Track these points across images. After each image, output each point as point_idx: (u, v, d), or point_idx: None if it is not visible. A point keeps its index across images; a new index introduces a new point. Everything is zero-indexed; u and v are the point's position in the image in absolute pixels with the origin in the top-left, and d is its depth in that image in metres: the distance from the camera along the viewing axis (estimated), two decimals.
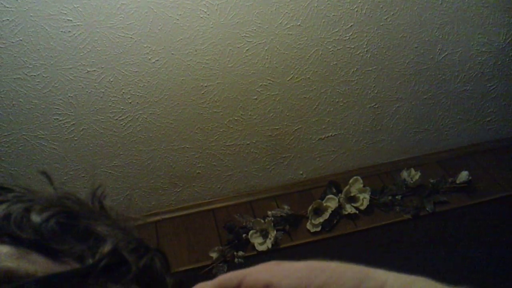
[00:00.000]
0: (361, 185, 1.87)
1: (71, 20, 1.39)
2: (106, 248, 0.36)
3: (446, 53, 1.80)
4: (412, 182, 1.90)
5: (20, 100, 1.50)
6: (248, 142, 1.82)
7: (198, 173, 1.85)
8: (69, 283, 0.31)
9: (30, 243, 0.33)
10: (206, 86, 1.63)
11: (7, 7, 1.32)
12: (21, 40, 1.39)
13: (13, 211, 0.34)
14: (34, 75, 1.46)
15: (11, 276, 0.30)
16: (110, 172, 1.74)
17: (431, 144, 2.06)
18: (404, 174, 1.93)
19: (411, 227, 1.86)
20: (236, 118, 1.74)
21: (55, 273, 0.31)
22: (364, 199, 1.86)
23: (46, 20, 1.37)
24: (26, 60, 1.43)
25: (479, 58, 1.86)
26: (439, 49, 1.79)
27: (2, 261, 0.31)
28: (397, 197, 1.90)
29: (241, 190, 1.96)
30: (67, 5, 1.36)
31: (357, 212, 1.85)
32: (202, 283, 0.36)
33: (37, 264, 0.32)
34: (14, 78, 1.45)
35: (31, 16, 1.35)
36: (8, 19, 1.34)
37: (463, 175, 1.92)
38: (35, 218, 0.34)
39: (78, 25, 1.40)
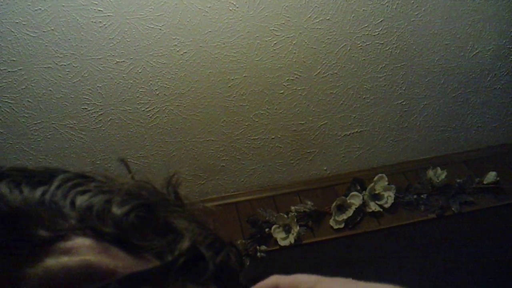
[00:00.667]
0: (386, 183, 1.85)
1: (101, 10, 1.40)
2: (185, 244, 0.36)
3: (477, 50, 1.77)
4: (438, 181, 1.87)
5: (50, 89, 1.52)
6: (273, 137, 1.82)
7: (222, 166, 1.86)
8: (150, 281, 0.32)
9: (111, 237, 0.33)
10: (233, 79, 1.63)
11: None
12: (52, 29, 1.40)
13: (95, 203, 0.34)
14: (64, 65, 1.48)
15: (92, 270, 0.31)
16: (135, 163, 1.76)
17: (459, 143, 2.03)
18: (430, 173, 1.90)
19: (436, 227, 1.84)
20: (261, 112, 1.74)
21: (137, 272, 0.32)
22: (389, 197, 1.84)
23: (78, 10, 1.38)
24: (57, 50, 1.45)
25: (511, 57, 1.82)
26: (470, 47, 1.75)
27: (84, 254, 0.31)
28: (422, 196, 1.87)
29: (265, 184, 1.95)
30: None
31: (381, 210, 1.83)
32: (278, 276, 0.36)
33: (117, 259, 0.32)
34: (45, 67, 1.47)
35: (63, 6, 1.36)
36: (40, 8, 1.36)
37: (491, 176, 1.88)
38: (116, 211, 0.34)
39: (108, 15, 1.41)
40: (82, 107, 1.58)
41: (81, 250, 0.31)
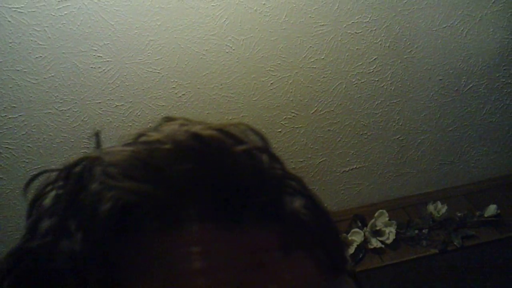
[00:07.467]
0: (387, 219, 1.84)
1: (101, 56, 1.43)
2: None
3: (471, 85, 1.80)
4: (438, 215, 1.87)
5: (50, 134, 1.53)
6: None
7: None
8: None
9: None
10: (231, 119, 1.65)
11: (41, 44, 1.37)
12: (53, 76, 1.43)
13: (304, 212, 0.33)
14: (64, 110, 1.50)
15: None
16: None
17: (458, 177, 2.03)
18: (430, 207, 1.90)
19: (438, 262, 1.82)
20: None
21: None
22: (390, 233, 1.83)
23: (77, 57, 1.41)
24: (57, 95, 1.47)
25: (505, 90, 1.84)
26: (464, 81, 1.78)
27: None
28: (423, 231, 1.86)
29: None
30: (98, 42, 1.40)
31: (383, 246, 1.82)
32: None
33: None
34: (45, 113, 1.49)
35: (63, 52, 1.39)
36: (41, 56, 1.39)
37: (491, 209, 1.88)
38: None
39: (108, 61, 1.44)
40: (82, 151, 1.59)
41: None
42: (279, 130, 1.72)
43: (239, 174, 0.30)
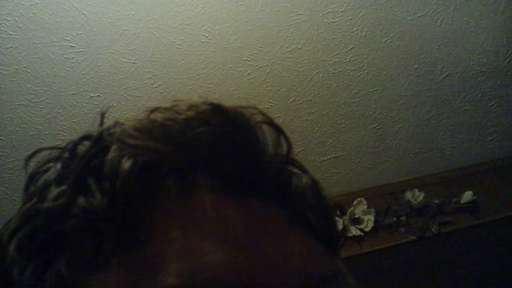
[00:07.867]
0: (365, 207, 1.86)
1: (74, 46, 1.40)
2: None
3: (446, 73, 1.81)
4: (416, 202, 1.89)
5: (24, 126, 1.51)
6: None
7: None
8: None
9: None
10: None
11: (11, 35, 1.34)
12: (24, 67, 1.40)
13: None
14: (38, 101, 1.47)
15: None
16: None
17: (434, 164, 2.06)
18: (408, 194, 1.92)
19: (417, 249, 1.84)
20: None
21: None
22: (369, 220, 1.84)
23: (50, 47, 1.39)
24: (29, 87, 1.44)
25: (479, 78, 1.86)
26: (439, 70, 1.80)
27: None
28: (401, 218, 1.88)
29: None
30: (71, 32, 1.38)
31: (362, 234, 1.83)
32: None
33: None
34: (18, 105, 1.46)
35: (35, 43, 1.37)
36: (12, 46, 1.36)
37: (467, 195, 1.91)
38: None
39: (81, 51, 1.42)
40: (57, 143, 1.57)
41: None
42: None
43: (253, 150, 0.32)
